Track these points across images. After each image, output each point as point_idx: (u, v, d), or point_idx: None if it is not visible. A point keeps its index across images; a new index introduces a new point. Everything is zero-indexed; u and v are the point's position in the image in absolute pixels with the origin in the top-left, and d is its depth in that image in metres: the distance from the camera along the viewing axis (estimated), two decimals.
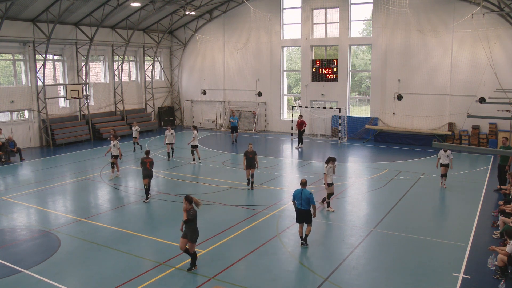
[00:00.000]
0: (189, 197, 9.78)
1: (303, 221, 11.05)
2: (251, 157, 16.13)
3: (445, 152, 16.17)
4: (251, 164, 16.19)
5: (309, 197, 10.82)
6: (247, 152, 16.24)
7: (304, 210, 10.92)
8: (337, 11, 27.84)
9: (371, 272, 9.80)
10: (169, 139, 21.73)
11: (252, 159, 16.14)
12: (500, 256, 9.27)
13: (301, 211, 10.96)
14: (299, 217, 11.07)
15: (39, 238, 11.96)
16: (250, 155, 16.16)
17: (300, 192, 10.94)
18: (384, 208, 14.15)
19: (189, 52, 34.29)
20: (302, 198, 10.87)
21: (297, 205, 11.02)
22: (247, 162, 16.16)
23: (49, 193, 16.31)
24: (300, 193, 10.93)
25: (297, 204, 11.01)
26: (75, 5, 24.03)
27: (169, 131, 21.70)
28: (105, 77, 30.52)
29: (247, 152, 16.26)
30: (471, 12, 22.23)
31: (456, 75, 24.66)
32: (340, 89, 28.20)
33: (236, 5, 31.03)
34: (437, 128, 25.56)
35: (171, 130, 21.78)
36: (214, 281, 9.29)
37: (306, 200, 10.83)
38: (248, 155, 16.17)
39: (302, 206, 10.91)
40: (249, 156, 16.15)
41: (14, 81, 25.20)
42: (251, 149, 16.30)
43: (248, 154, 16.20)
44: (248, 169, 16.28)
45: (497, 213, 12.96)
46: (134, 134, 24.05)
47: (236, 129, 27.00)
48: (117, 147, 18.35)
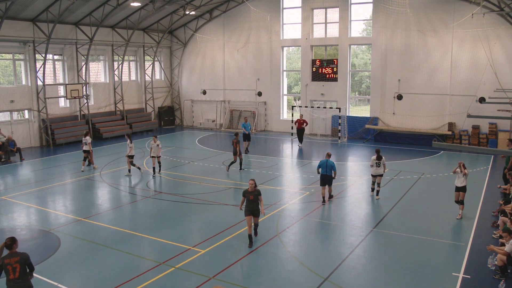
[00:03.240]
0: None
1: (325, 184, 14.23)
2: (252, 199, 10.97)
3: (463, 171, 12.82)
4: (253, 209, 10.98)
5: (332, 165, 14.16)
6: (247, 193, 11.09)
7: (327, 175, 14.12)
8: (337, 11, 27.83)
9: (371, 272, 9.80)
10: (155, 151, 18.38)
11: (254, 202, 10.97)
12: (500, 256, 9.27)
13: (325, 176, 14.13)
14: (322, 181, 14.20)
15: (39, 238, 11.97)
16: (251, 196, 11.00)
17: (325, 162, 14.21)
18: (384, 208, 14.16)
19: (189, 52, 34.29)
20: (327, 166, 14.11)
21: (322, 172, 14.18)
22: (248, 207, 10.99)
23: (49, 193, 16.31)
24: (326, 162, 14.19)
25: (322, 171, 14.18)
26: (75, 5, 24.03)
27: (155, 142, 18.32)
28: (105, 77, 30.52)
29: (247, 192, 11.10)
30: (471, 12, 22.22)
31: (456, 75, 24.66)
32: (340, 89, 28.20)
33: (236, 4, 31.02)
34: (437, 128, 25.56)
35: (156, 141, 18.39)
36: (214, 281, 9.28)
37: (330, 167, 14.11)
38: (249, 196, 11.03)
39: (327, 172, 14.09)
40: (250, 198, 11.01)
41: (14, 81, 25.19)
42: (252, 188, 11.05)
43: (248, 194, 11.06)
44: (248, 216, 11.02)
45: (497, 213, 12.96)
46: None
47: (249, 137, 23.25)
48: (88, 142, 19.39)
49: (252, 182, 11.13)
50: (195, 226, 12.82)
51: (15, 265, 6.99)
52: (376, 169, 14.75)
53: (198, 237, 11.88)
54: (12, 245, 7.21)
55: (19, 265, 7.02)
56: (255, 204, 11.00)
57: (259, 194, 11.11)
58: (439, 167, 19.80)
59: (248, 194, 11.05)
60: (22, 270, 7.05)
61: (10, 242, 7.22)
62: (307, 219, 13.16)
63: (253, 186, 11.04)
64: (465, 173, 12.82)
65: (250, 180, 11.25)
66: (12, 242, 7.23)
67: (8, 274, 7.03)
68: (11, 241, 7.24)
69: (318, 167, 14.39)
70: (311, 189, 16.32)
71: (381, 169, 14.75)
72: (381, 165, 14.73)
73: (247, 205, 11.02)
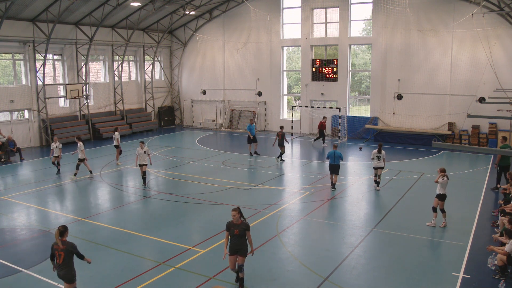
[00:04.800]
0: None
1: (333, 172, 15.98)
2: (238, 235, 8.62)
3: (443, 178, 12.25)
4: (238, 247, 8.70)
5: (339, 155, 16.00)
6: (232, 225, 8.69)
7: (335, 164, 15.87)
8: (337, 10, 27.83)
9: (371, 271, 9.80)
10: (142, 159, 16.55)
11: (240, 237, 8.65)
12: (500, 255, 9.28)
13: (333, 165, 15.91)
14: (331, 169, 16.00)
15: (39, 238, 11.96)
16: (236, 231, 8.62)
17: (333, 152, 15.96)
18: (384, 208, 14.17)
19: (189, 51, 34.29)
20: (335, 156, 15.86)
21: (330, 162, 15.95)
22: (231, 243, 8.74)
23: (49, 193, 16.31)
24: (333, 153, 15.93)
25: (330, 161, 15.95)
26: (75, 5, 24.03)
27: (142, 148, 16.60)
28: (105, 77, 30.52)
29: (232, 225, 8.70)
30: (471, 12, 22.22)
31: (456, 74, 24.66)
32: (340, 89, 28.20)
33: (236, 4, 31.02)
34: (437, 127, 25.56)
35: (144, 147, 16.69)
36: (214, 281, 9.28)
37: (337, 157, 15.88)
38: (233, 230, 8.66)
39: (335, 162, 15.86)
40: (235, 232, 8.63)
41: (14, 80, 25.19)
42: (237, 219, 8.64)
43: (232, 228, 8.68)
44: (232, 255, 8.78)
45: (497, 212, 12.96)
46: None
47: (255, 139, 22.50)
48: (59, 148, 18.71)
49: (235, 214, 8.60)
50: (195, 226, 12.83)
51: (60, 252, 7.69)
52: (377, 162, 15.83)
53: (198, 237, 11.88)
54: (64, 233, 7.81)
55: (64, 253, 7.69)
56: (241, 241, 8.65)
57: (247, 229, 8.65)
58: (439, 167, 19.74)
59: (233, 227, 8.65)
60: (66, 258, 7.73)
61: (63, 229, 7.81)
62: (307, 219, 13.17)
63: (238, 218, 8.66)
64: (436, 181, 12.34)
65: (232, 211, 8.66)
66: (64, 230, 7.82)
67: (55, 259, 7.83)
68: (64, 229, 7.83)
69: (327, 157, 16.31)
70: (311, 189, 16.33)
71: (381, 162, 15.83)
72: (381, 159, 15.76)
73: (231, 240, 8.73)
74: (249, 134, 22.24)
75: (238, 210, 8.71)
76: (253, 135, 22.31)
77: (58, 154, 18.71)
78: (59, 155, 18.79)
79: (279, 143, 20.77)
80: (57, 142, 18.75)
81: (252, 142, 22.41)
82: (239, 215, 8.69)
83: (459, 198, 15.28)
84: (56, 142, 18.78)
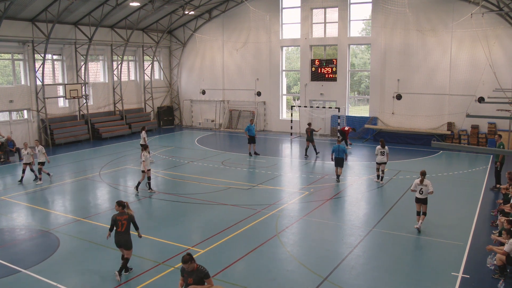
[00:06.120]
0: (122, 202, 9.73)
1: (338, 165, 17.00)
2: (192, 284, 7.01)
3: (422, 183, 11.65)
4: None
5: (343, 149, 17.00)
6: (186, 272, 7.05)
7: (340, 158, 16.89)
8: (336, 10, 27.83)
9: (370, 271, 9.81)
10: (148, 163, 15.88)
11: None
12: (499, 255, 9.29)
13: (338, 158, 16.93)
14: (336, 162, 17.01)
15: (38, 238, 11.96)
16: (190, 279, 7.01)
17: (338, 146, 16.97)
18: (383, 208, 14.18)
19: (188, 51, 34.28)
20: (339, 150, 16.87)
21: (335, 155, 16.97)
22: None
23: (48, 193, 16.31)
24: (338, 147, 16.94)
25: (335, 155, 16.97)
26: (74, 5, 24.01)
27: (148, 153, 16.14)
28: (104, 77, 30.50)
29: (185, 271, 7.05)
30: (470, 12, 22.23)
31: (455, 74, 24.68)
32: (339, 89, 28.21)
33: (235, 4, 31.02)
34: (436, 127, 25.58)
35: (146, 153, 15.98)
36: (214, 281, 9.24)
37: (342, 151, 16.89)
38: (187, 278, 7.03)
39: (339, 155, 16.87)
40: (188, 281, 7.02)
41: (13, 80, 25.17)
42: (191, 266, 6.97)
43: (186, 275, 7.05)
44: None
45: (496, 212, 12.97)
46: (26, 160, 17.41)
47: (254, 139, 22.48)
48: (42, 152, 17.49)
49: (188, 258, 6.91)
50: (194, 226, 12.83)
51: (123, 222, 9.35)
52: (380, 157, 16.70)
53: (197, 237, 11.88)
54: (125, 206, 9.51)
55: (126, 222, 9.37)
56: None
57: (205, 277, 6.97)
58: (438, 167, 19.82)
59: (187, 275, 7.02)
60: (127, 226, 9.40)
61: (122, 204, 9.54)
62: (306, 219, 13.17)
63: (191, 264, 6.94)
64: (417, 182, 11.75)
65: (185, 255, 6.97)
66: (124, 204, 9.56)
67: (118, 227, 9.35)
68: (123, 203, 9.57)
69: (332, 152, 17.23)
70: (310, 189, 16.34)
71: (385, 158, 16.69)
72: (385, 154, 16.66)
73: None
74: (246, 134, 22.33)
75: (190, 256, 6.96)
76: (253, 135, 22.31)
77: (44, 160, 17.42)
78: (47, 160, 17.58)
79: (308, 138, 22.05)
80: (39, 146, 17.63)
81: (252, 142, 22.40)
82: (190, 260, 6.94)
83: (458, 198, 15.30)
84: (38, 146, 17.65)
